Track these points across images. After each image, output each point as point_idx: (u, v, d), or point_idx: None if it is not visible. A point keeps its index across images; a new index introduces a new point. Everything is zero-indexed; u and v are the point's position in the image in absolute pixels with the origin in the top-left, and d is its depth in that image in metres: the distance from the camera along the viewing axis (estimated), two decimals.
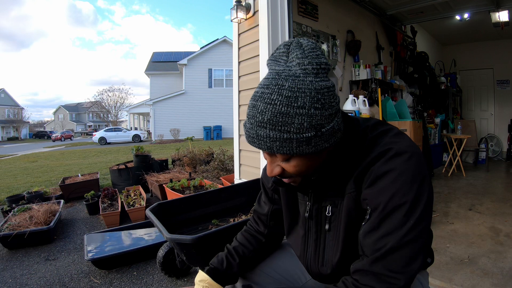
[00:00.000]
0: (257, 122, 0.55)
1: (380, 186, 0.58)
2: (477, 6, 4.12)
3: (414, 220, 0.55)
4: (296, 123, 0.53)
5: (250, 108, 0.57)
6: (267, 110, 0.54)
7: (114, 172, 4.10)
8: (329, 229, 0.71)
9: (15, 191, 4.25)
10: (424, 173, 0.59)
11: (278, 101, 0.53)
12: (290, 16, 2.52)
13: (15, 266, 2.05)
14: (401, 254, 0.55)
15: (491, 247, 1.97)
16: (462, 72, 6.35)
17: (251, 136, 0.57)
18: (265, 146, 0.56)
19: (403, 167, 0.57)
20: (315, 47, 0.57)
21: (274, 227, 0.89)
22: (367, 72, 3.78)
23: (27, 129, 36.95)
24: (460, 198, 3.12)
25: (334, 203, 0.70)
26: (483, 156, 5.10)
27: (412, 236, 0.55)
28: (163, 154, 8.58)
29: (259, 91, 0.56)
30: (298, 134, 0.54)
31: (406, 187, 0.56)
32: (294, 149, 0.55)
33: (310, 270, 0.79)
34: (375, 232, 0.58)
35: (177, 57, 19.81)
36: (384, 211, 0.57)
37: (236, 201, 2.27)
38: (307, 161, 0.60)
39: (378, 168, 0.59)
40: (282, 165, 0.61)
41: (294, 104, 0.53)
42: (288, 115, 0.53)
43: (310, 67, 0.55)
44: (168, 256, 1.75)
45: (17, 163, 9.00)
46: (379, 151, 0.60)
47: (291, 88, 0.53)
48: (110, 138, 17.78)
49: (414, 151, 0.59)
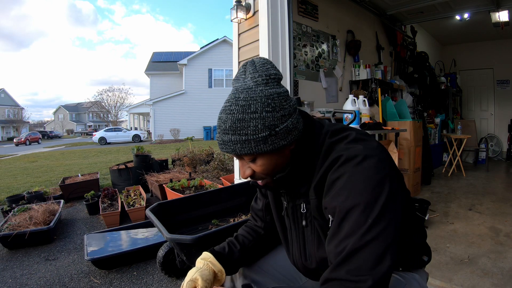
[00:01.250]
0: (222, 130, 0.65)
1: (334, 192, 0.61)
2: (477, 6, 4.12)
3: (372, 219, 0.55)
4: (251, 126, 0.62)
5: (218, 120, 0.67)
6: (227, 119, 0.64)
7: (114, 172, 4.10)
8: (306, 225, 0.76)
9: (15, 191, 4.25)
10: (382, 173, 0.59)
11: (236, 110, 0.63)
12: (290, 16, 2.52)
13: (15, 266, 2.05)
14: (364, 254, 0.54)
15: (491, 247, 1.97)
16: (462, 72, 6.35)
17: (220, 143, 0.66)
18: (230, 149, 0.65)
19: (353, 170, 0.59)
20: (266, 62, 0.67)
21: (271, 222, 0.92)
22: (367, 72, 3.78)
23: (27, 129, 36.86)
24: (460, 198, 3.12)
25: (307, 200, 0.73)
26: (483, 156, 5.10)
27: (373, 235, 0.54)
28: (163, 154, 8.58)
29: (223, 105, 0.67)
30: (254, 135, 0.62)
31: (358, 188, 0.57)
32: (253, 149, 0.63)
33: (296, 265, 0.83)
34: (335, 237, 0.58)
35: (177, 57, 19.81)
36: (340, 214, 0.58)
37: (236, 201, 2.27)
38: (271, 160, 0.67)
39: (330, 176, 0.63)
40: (251, 166, 0.69)
41: (248, 110, 0.62)
42: (244, 120, 0.62)
43: (260, 79, 0.65)
44: (168, 256, 1.75)
45: (17, 163, 9.00)
46: (332, 159, 0.64)
47: (245, 98, 0.63)
48: (110, 138, 17.77)
49: (367, 154, 0.60)
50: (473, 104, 6.45)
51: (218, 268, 0.80)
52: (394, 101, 3.77)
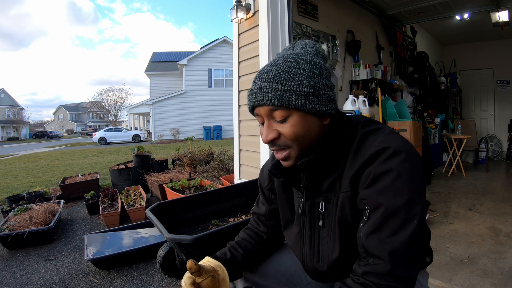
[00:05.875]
0: (262, 79, 0.63)
1: (380, 187, 0.58)
2: (477, 6, 4.12)
3: (416, 220, 0.56)
4: (297, 79, 0.61)
5: (259, 72, 0.65)
6: (271, 69, 0.63)
7: (114, 172, 4.10)
8: (323, 225, 0.72)
9: (15, 191, 4.25)
10: (420, 172, 0.60)
11: (283, 64, 0.63)
12: (290, 16, 2.52)
13: (15, 266, 2.05)
14: (411, 254, 0.56)
15: (491, 247, 1.97)
16: (462, 72, 6.35)
17: (255, 92, 0.64)
18: (267, 96, 0.62)
19: (401, 167, 0.58)
20: (316, 43, 0.69)
21: (274, 227, 0.89)
22: (367, 72, 3.78)
23: (27, 129, 36.89)
24: (460, 198, 3.12)
25: (327, 199, 0.70)
26: (483, 156, 5.10)
27: (416, 235, 0.56)
28: (163, 154, 8.58)
29: (269, 63, 0.66)
30: (298, 87, 0.61)
31: (405, 187, 0.57)
32: (293, 101, 0.61)
33: (306, 267, 0.79)
34: (379, 233, 0.58)
35: (177, 57, 19.81)
36: (387, 211, 0.57)
37: (236, 201, 2.27)
38: (305, 123, 0.63)
39: (375, 168, 0.59)
40: (279, 128, 0.64)
41: (296, 66, 0.62)
42: (291, 73, 0.62)
43: (310, 49, 0.67)
44: (168, 256, 1.75)
45: (17, 163, 9.00)
46: (375, 150, 0.60)
47: (294, 57, 0.64)
48: (110, 138, 17.76)
49: (410, 150, 0.60)
50: (473, 104, 6.44)
51: (217, 264, 0.76)
52: (394, 101, 3.76)
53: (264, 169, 0.90)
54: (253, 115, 0.69)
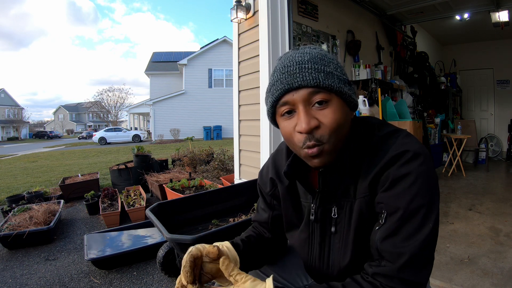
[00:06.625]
0: (297, 63, 0.59)
1: (398, 190, 0.57)
2: (477, 6, 4.12)
3: (432, 223, 0.56)
4: (334, 64, 0.60)
5: (281, 65, 0.61)
6: (304, 56, 0.60)
7: (114, 172, 4.10)
8: (335, 231, 0.69)
9: (15, 191, 4.25)
10: (435, 174, 0.60)
11: (310, 51, 0.61)
12: (290, 16, 2.52)
13: (15, 266, 2.05)
14: (422, 257, 0.56)
15: (491, 247, 1.97)
16: (462, 72, 6.35)
17: (292, 73, 0.59)
18: (310, 77, 0.58)
19: (420, 170, 0.57)
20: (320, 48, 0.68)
21: (279, 233, 0.85)
22: (367, 72, 3.78)
23: (27, 129, 36.91)
24: (460, 198, 3.12)
25: (340, 204, 0.67)
26: (483, 156, 5.10)
27: (430, 239, 0.56)
28: (163, 154, 8.58)
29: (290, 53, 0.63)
30: (337, 72, 0.60)
31: (423, 190, 0.57)
32: (337, 84, 0.59)
33: (311, 271, 0.77)
34: (395, 237, 0.57)
35: (177, 57, 19.81)
36: (404, 215, 0.57)
37: (236, 201, 2.27)
38: (342, 113, 0.60)
39: (394, 171, 0.58)
40: (318, 116, 0.59)
41: (325, 55, 0.61)
42: (327, 57, 0.60)
43: (319, 49, 0.64)
44: (168, 256, 1.75)
45: (17, 163, 9.00)
46: (395, 153, 0.59)
47: (314, 51, 0.61)
48: (110, 138, 17.77)
49: (427, 153, 0.60)
50: (473, 104, 6.44)
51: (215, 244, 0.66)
52: (394, 101, 3.76)
53: (263, 173, 0.84)
54: (275, 106, 0.63)
